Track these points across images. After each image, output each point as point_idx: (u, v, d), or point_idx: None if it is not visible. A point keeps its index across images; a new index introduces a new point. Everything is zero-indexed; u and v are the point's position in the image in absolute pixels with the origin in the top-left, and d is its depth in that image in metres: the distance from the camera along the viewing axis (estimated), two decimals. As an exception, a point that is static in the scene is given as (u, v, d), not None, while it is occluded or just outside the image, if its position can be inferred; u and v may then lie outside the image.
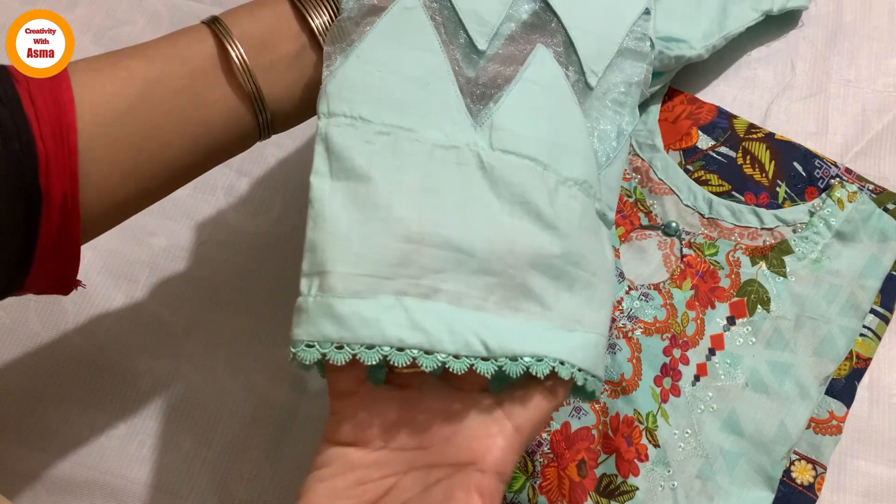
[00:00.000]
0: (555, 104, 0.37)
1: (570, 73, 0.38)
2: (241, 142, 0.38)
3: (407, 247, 0.32)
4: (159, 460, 0.49)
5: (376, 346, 0.30)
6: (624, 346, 0.46)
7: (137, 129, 0.34)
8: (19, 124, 0.31)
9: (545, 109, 0.36)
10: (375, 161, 0.33)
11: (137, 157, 0.35)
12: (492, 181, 0.34)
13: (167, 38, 0.37)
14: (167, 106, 0.35)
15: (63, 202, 0.32)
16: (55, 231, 0.33)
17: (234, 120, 0.37)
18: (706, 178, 0.51)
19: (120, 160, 0.34)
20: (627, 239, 0.50)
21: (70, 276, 0.36)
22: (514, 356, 0.31)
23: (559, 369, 0.32)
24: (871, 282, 0.47)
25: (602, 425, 0.45)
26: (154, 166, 0.36)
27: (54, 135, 0.32)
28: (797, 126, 0.53)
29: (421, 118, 0.34)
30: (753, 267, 0.48)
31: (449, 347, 0.31)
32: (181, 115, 0.35)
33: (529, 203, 0.34)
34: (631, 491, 0.43)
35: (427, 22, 0.36)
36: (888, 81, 0.54)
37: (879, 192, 0.50)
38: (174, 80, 0.35)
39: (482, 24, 0.37)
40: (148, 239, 0.54)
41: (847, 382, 0.46)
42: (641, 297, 0.48)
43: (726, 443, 0.44)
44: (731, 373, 0.46)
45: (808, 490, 0.44)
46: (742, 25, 0.52)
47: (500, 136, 0.35)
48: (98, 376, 0.51)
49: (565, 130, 0.37)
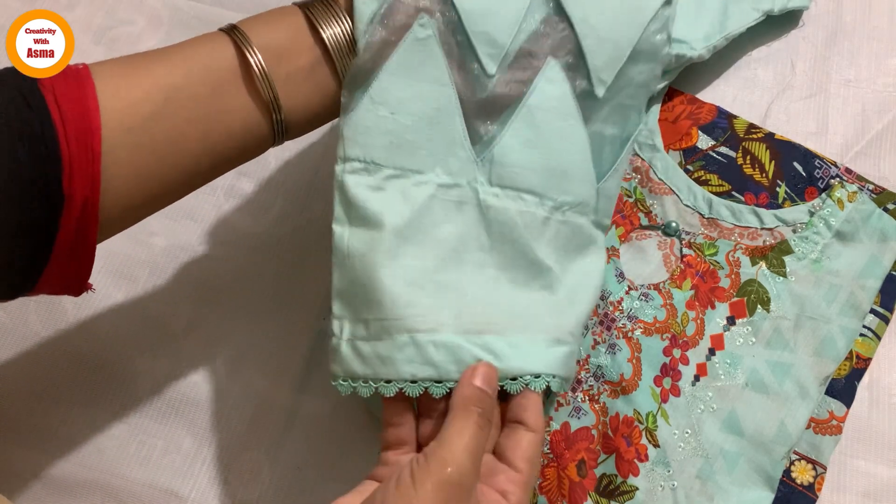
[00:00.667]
0: (558, 128, 0.38)
1: (578, 83, 0.39)
2: (256, 149, 0.39)
3: (412, 289, 0.36)
4: (159, 460, 0.49)
5: (393, 381, 0.35)
6: (624, 347, 0.46)
7: (161, 135, 0.35)
8: (45, 128, 0.31)
9: (546, 136, 0.38)
10: (386, 209, 0.37)
11: (158, 164, 0.35)
12: (487, 222, 0.38)
13: (188, 45, 0.37)
14: (190, 113, 0.35)
15: (83, 206, 0.33)
16: (73, 234, 0.33)
17: (252, 128, 0.37)
18: (706, 178, 0.51)
19: (141, 166, 0.35)
20: (627, 239, 0.50)
21: (83, 278, 0.36)
22: (513, 376, 0.36)
23: (552, 383, 0.36)
24: (871, 282, 0.47)
25: (602, 425, 0.45)
26: (173, 172, 0.36)
27: (78, 139, 0.32)
28: (797, 126, 0.53)
29: (428, 157, 0.38)
30: (753, 267, 0.48)
31: (455, 377, 0.35)
32: (203, 123, 0.36)
33: (517, 242, 0.38)
34: (631, 491, 0.43)
35: (438, 52, 0.37)
36: (888, 81, 0.54)
37: (879, 192, 0.50)
38: (197, 87, 0.35)
39: (493, 45, 0.37)
40: (148, 239, 0.54)
41: (847, 382, 0.46)
42: (641, 297, 0.48)
43: (726, 443, 0.44)
44: (731, 373, 0.46)
45: (808, 490, 0.44)
46: (743, 26, 0.52)
47: (498, 172, 0.38)
48: (98, 376, 0.51)
49: (565, 155, 0.39)
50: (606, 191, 0.41)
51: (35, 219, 0.32)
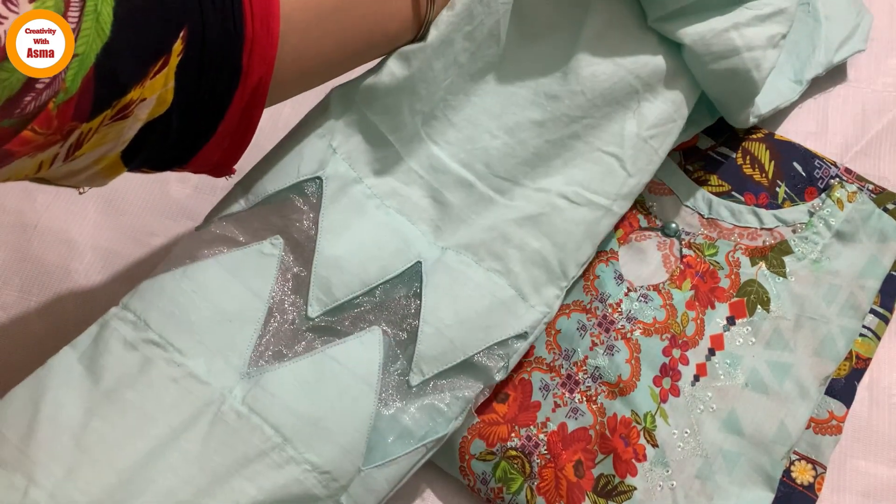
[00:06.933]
0: (344, 386, 0.38)
1: (398, 364, 0.39)
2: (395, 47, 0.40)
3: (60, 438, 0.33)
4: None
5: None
6: (623, 348, 0.46)
7: (332, 31, 0.36)
8: (236, 6, 0.32)
9: (326, 388, 0.37)
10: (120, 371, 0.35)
11: (320, 58, 0.37)
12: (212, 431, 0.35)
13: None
14: (361, 11, 0.37)
15: (256, 85, 0.34)
16: (240, 111, 0.34)
17: (403, 28, 0.39)
18: (706, 178, 0.51)
19: (307, 57, 0.36)
20: (626, 241, 0.50)
21: (234, 158, 0.37)
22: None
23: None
24: (870, 282, 0.47)
25: (599, 426, 0.45)
26: (330, 68, 0.38)
27: (262, 20, 0.33)
28: (797, 126, 0.53)
29: (198, 345, 0.36)
30: (753, 267, 0.48)
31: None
32: (370, 22, 0.37)
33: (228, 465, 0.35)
34: (628, 491, 0.43)
35: (273, 272, 0.38)
36: (888, 81, 0.54)
37: (879, 192, 0.50)
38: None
39: (327, 294, 0.39)
40: (148, 239, 0.54)
41: (847, 382, 0.46)
42: (641, 298, 0.48)
43: (726, 443, 0.44)
44: (731, 373, 0.46)
45: (807, 490, 0.44)
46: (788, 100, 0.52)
47: (257, 395, 0.36)
48: (98, 376, 0.51)
49: (337, 415, 0.37)
50: (371, 481, 0.38)
51: (213, 89, 0.33)
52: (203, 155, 0.36)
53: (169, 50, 0.30)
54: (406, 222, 0.42)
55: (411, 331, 0.40)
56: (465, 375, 0.41)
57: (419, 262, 0.41)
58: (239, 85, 0.33)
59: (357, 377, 0.38)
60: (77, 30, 0.28)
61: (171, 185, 0.55)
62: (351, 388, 0.38)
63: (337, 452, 0.37)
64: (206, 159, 0.36)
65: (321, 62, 0.37)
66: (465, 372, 0.40)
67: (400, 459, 0.38)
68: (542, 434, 0.45)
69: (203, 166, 0.37)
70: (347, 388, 0.38)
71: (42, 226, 0.54)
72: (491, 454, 0.45)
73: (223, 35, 0.32)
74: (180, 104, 0.32)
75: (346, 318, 0.39)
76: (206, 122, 0.34)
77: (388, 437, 0.38)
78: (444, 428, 0.40)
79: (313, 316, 0.39)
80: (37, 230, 0.54)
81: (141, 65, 0.30)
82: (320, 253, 0.39)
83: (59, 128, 0.28)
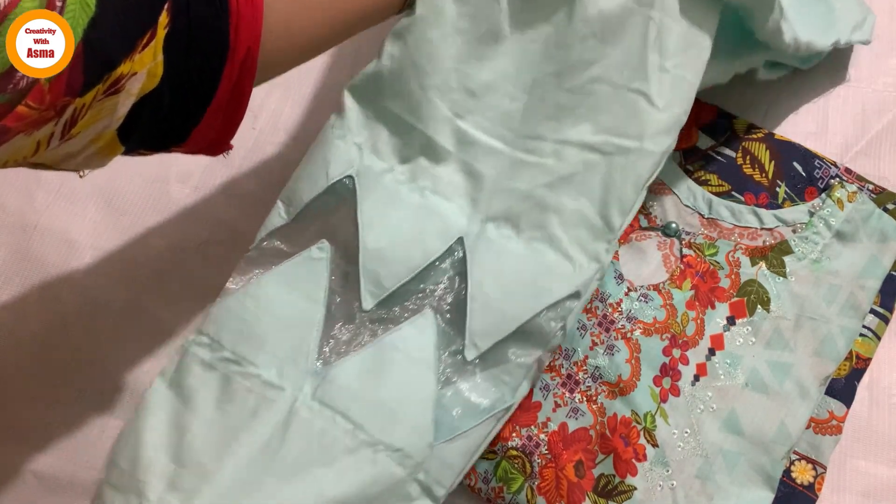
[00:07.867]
0: (404, 370, 0.40)
1: (453, 340, 0.40)
2: (385, 18, 0.41)
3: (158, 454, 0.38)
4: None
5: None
6: (623, 348, 0.46)
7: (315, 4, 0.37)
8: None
9: (389, 374, 0.39)
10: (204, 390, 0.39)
11: (310, 29, 0.38)
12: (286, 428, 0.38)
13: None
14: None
15: (244, 59, 0.35)
16: (231, 84, 0.35)
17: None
18: (706, 178, 0.51)
19: (295, 28, 0.37)
20: (626, 240, 0.50)
21: (229, 134, 0.38)
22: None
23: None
24: (870, 282, 0.47)
25: (600, 426, 0.45)
26: (320, 40, 0.39)
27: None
28: (797, 126, 0.53)
29: (268, 355, 0.40)
30: (753, 267, 0.48)
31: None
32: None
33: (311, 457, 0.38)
34: (629, 490, 0.43)
35: (324, 274, 0.41)
36: (888, 81, 0.54)
37: (879, 192, 0.50)
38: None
39: (377, 286, 0.41)
40: (148, 239, 0.54)
41: (847, 382, 0.46)
42: (641, 298, 0.48)
43: (726, 442, 0.44)
44: (731, 373, 0.46)
45: (807, 490, 0.44)
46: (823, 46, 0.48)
47: (326, 389, 0.39)
48: (98, 376, 0.51)
49: (402, 398, 0.39)
50: (445, 455, 0.40)
51: (202, 62, 0.33)
52: (199, 132, 0.36)
53: (154, 22, 0.31)
54: (442, 201, 0.42)
55: (461, 308, 0.40)
56: (521, 343, 0.41)
57: (461, 238, 0.42)
58: (227, 57, 0.34)
59: (415, 360, 0.40)
60: (63, 5, 0.28)
61: (171, 185, 0.55)
62: (411, 371, 0.40)
63: (406, 431, 0.39)
64: (201, 136, 0.37)
65: (311, 34, 0.38)
66: (521, 340, 0.41)
67: (470, 432, 0.40)
68: (543, 434, 0.45)
69: (199, 144, 0.37)
70: (407, 371, 0.40)
71: (42, 226, 0.54)
72: (492, 454, 0.45)
73: (207, 6, 0.33)
74: (171, 78, 0.33)
75: (398, 305, 0.41)
76: (197, 97, 0.35)
77: (453, 413, 0.40)
78: (510, 397, 0.41)
79: (367, 308, 0.40)
80: (37, 230, 0.54)
81: (128, 38, 0.30)
82: (365, 248, 0.41)
83: (53, 103, 0.29)
